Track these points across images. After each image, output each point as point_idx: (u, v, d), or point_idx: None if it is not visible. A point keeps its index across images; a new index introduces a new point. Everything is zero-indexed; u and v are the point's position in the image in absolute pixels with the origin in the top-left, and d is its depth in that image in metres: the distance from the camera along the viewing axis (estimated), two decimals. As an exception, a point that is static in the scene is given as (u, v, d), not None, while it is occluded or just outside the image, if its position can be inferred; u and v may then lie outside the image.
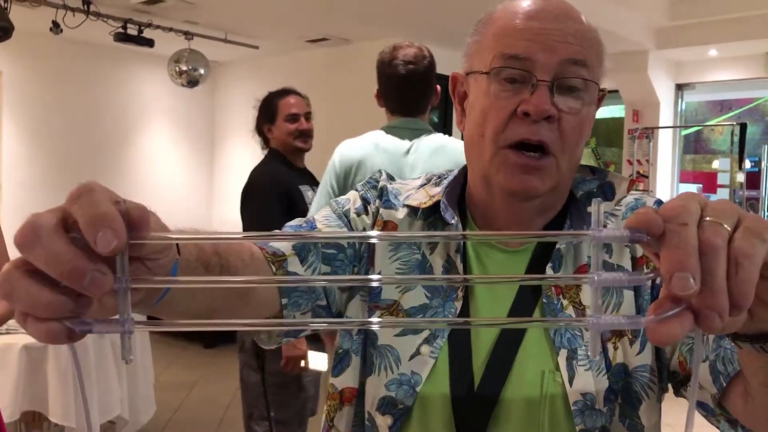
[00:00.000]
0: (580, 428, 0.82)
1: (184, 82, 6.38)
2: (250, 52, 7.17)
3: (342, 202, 0.99)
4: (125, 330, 0.44)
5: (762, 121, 12.81)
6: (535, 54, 0.82)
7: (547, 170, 0.85)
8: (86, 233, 0.42)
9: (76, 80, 7.00)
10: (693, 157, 10.62)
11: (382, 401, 0.87)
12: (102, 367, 3.28)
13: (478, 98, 0.89)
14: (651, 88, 7.53)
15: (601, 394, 0.84)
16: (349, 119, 7.00)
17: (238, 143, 8.19)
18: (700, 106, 11.72)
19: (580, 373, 0.84)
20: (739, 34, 6.84)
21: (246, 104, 8.03)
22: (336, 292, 0.92)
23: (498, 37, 0.86)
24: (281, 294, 0.85)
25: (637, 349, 0.86)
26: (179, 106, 7.93)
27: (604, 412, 0.84)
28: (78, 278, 0.42)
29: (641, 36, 6.92)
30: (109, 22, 5.67)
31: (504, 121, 0.84)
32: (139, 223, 0.44)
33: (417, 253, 0.92)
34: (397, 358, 0.88)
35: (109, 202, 0.43)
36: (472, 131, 0.90)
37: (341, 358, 0.93)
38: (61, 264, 0.42)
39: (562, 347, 0.85)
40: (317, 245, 0.89)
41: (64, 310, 0.43)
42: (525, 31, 0.84)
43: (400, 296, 0.90)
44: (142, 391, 3.67)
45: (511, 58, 0.84)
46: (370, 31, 6.36)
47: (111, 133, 7.33)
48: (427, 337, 0.87)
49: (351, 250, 0.93)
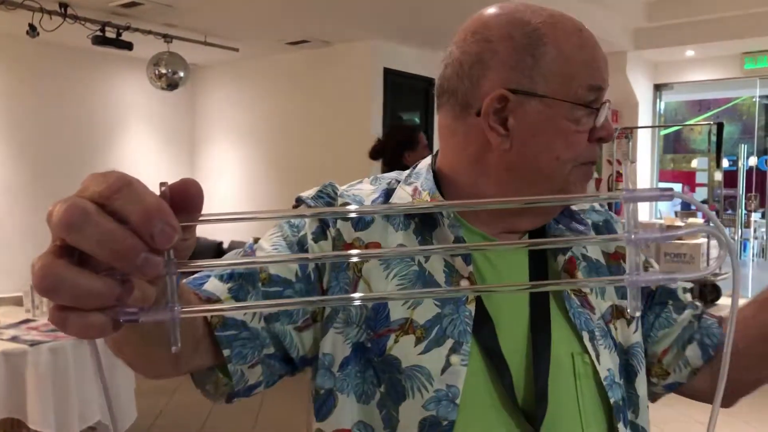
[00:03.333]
0: (613, 401, 0.89)
1: (163, 85, 6.34)
2: (230, 55, 7.14)
3: (297, 224, 0.89)
4: (174, 316, 0.42)
5: (739, 120, 12.98)
6: (606, 83, 0.89)
7: None
8: (140, 228, 0.40)
9: (54, 84, 6.94)
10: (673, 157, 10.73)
11: (423, 423, 0.83)
12: (81, 373, 3.25)
13: (552, 121, 0.86)
14: (630, 88, 7.60)
15: (617, 369, 0.91)
16: (329, 121, 7.00)
17: (219, 146, 8.16)
18: (679, 106, 11.85)
19: (601, 351, 0.90)
20: (716, 35, 6.93)
21: (226, 107, 8.02)
22: (292, 335, 0.84)
23: (579, 65, 0.87)
24: (222, 344, 0.78)
25: (633, 329, 0.95)
26: (159, 109, 7.88)
27: (621, 385, 0.92)
28: (134, 257, 0.40)
29: (619, 37, 6.99)
30: (86, 25, 5.63)
31: (585, 146, 0.88)
32: (185, 204, 0.43)
33: (413, 264, 0.88)
34: (428, 376, 0.83)
35: (154, 193, 0.42)
36: (541, 154, 0.87)
37: (325, 399, 0.86)
38: (116, 242, 0.39)
39: (583, 330, 0.90)
40: (256, 285, 0.82)
41: (111, 298, 0.41)
42: (600, 62, 0.89)
43: (412, 312, 0.85)
44: (123, 396, 3.64)
45: (597, 90, 0.88)
46: (351, 33, 6.37)
47: (89, 137, 7.27)
48: (453, 347, 0.84)
49: (302, 284, 0.85)
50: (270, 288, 0.83)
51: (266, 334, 0.82)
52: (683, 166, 10.01)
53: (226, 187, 8.04)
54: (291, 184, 7.20)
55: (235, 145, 7.98)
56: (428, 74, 6.82)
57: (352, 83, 6.77)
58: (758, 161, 10.59)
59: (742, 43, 7.17)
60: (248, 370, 0.81)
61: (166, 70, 6.26)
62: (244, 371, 0.81)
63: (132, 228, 0.40)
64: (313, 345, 0.86)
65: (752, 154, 10.30)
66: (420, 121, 7.37)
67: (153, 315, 0.42)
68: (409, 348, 0.84)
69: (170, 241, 0.41)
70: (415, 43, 6.66)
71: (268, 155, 7.62)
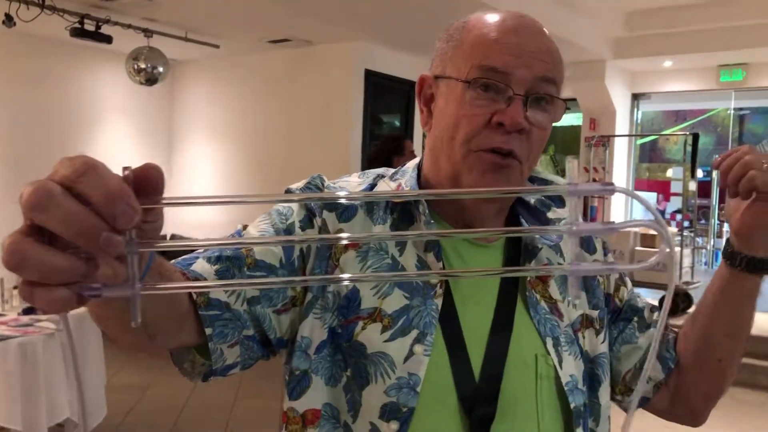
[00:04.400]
0: (573, 406, 0.91)
1: (142, 80, 6.28)
2: (211, 52, 7.10)
3: (284, 211, 0.94)
4: (135, 292, 0.44)
5: (714, 132, 13.18)
6: (513, 69, 0.87)
7: (512, 172, 0.89)
8: (103, 210, 0.42)
9: (30, 75, 6.84)
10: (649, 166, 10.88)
11: (384, 408, 0.86)
12: (50, 370, 3.20)
13: (449, 103, 0.91)
14: (608, 96, 7.68)
15: (581, 375, 0.94)
16: (309, 121, 6.99)
17: (196, 143, 8.10)
18: (656, 115, 12.00)
19: (565, 357, 0.92)
20: (693, 47, 7.03)
21: (206, 104, 7.97)
22: (271, 317, 0.88)
23: (477, 47, 0.89)
24: (205, 323, 0.82)
25: (601, 339, 0.98)
26: (137, 104, 7.81)
27: (584, 391, 0.94)
28: (95, 236, 0.42)
29: (599, 45, 7.06)
30: (65, 16, 5.55)
31: (478, 129, 0.88)
32: (146, 187, 0.45)
33: (386, 257, 0.92)
34: (391, 363, 0.87)
35: (117, 176, 0.44)
36: (441, 134, 0.92)
37: (299, 380, 0.90)
38: (79, 222, 0.42)
39: (547, 336, 0.92)
40: (242, 269, 0.86)
41: (76, 274, 0.43)
42: (505, 45, 0.88)
43: (381, 302, 0.89)
44: (93, 393, 3.60)
45: (490, 70, 0.87)
46: (333, 33, 6.36)
47: (66, 130, 7.18)
48: (417, 336, 0.88)
49: (285, 270, 0.89)
50: (255, 272, 0.87)
51: (247, 316, 0.86)
52: (659, 175, 10.14)
53: (203, 184, 7.98)
54: (269, 183, 7.18)
55: (213, 143, 7.93)
56: (409, 77, 6.83)
57: (333, 84, 6.76)
58: (731, 172, 10.74)
59: (718, 56, 7.29)
60: (227, 349, 0.85)
61: (146, 65, 6.20)
62: (223, 350, 0.84)
63: (95, 209, 0.42)
64: (290, 328, 0.91)
65: (726, 165, 10.44)
66: (400, 123, 7.38)
67: (115, 291, 0.45)
68: (376, 335, 0.88)
69: (131, 221, 0.43)
70: (397, 46, 6.67)
71: (246, 153, 7.58)
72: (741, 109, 12.13)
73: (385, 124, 7.23)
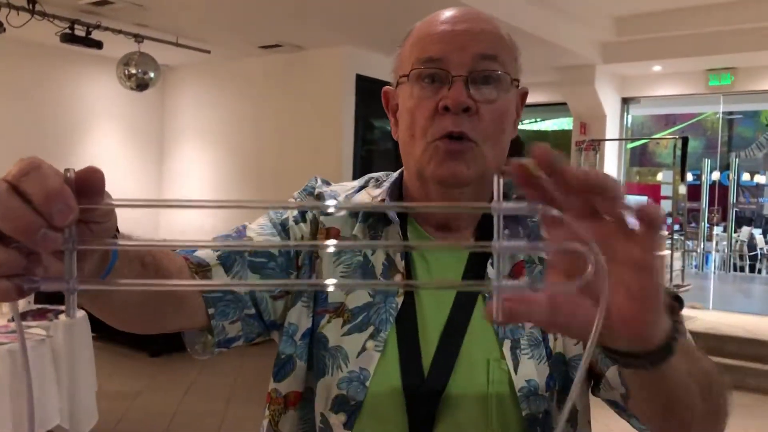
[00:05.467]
0: (525, 413, 0.88)
1: (133, 85, 6.27)
2: (202, 57, 7.09)
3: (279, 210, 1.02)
4: (70, 287, 0.46)
5: (703, 135, 13.26)
6: (448, 54, 0.90)
7: (470, 155, 0.90)
8: (41, 207, 0.44)
9: (20, 81, 6.82)
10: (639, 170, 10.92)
11: (335, 400, 0.90)
12: (41, 376, 3.18)
13: (404, 103, 0.95)
14: (598, 101, 7.72)
15: (543, 380, 0.90)
16: (301, 126, 6.99)
17: (187, 148, 8.09)
18: (646, 120, 12.07)
19: (523, 361, 0.90)
20: (682, 51, 7.08)
21: (197, 109, 7.96)
22: (268, 301, 0.94)
23: (415, 45, 0.94)
24: (207, 304, 0.88)
25: (574, 341, 0.92)
26: (128, 110, 7.79)
27: (546, 397, 0.89)
28: (32, 232, 0.44)
29: (588, 50, 7.10)
30: (55, 22, 5.54)
31: (429, 118, 0.91)
32: (87, 189, 0.47)
33: (359, 254, 0.97)
34: (345, 357, 0.91)
35: (58, 177, 0.46)
36: (404, 134, 0.96)
37: (284, 363, 0.95)
38: (17, 218, 0.44)
39: (505, 338, 0.90)
40: (243, 254, 0.92)
41: (16, 267, 0.46)
42: (437, 35, 0.92)
43: (346, 297, 0.94)
44: (84, 400, 3.58)
45: (427, 61, 0.91)
46: (324, 38, 6.37)
47: (56, 137, 7.16)
48: (372, 333, 0.91)
49: (283, 258, 0.95)
50: (255, 258, 0.93)
51: (248, 297, 0.92)
52: (649, 179, 10.19)
53: (194, 189, 7.96)
54: (260, 188, 7.17)
55: (205, 148, 7.91)
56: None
57: (324, 89, 6.77)
58: (721, 176, 10.85)
59: (706, 60, 7.34)
60: (229, 325, 0.91)
61: (136, 71, 6.19)
62: (224, 326, 0.90)
63: (35, 207, 0.45)
64: (283, 313, 0.96)
65: (715, 168, 10.54)
66: (391, 128, 7.37)
67: (52, 285, 0.47)
68: (336, 329, 0.93)
69: (66, 219, 0.45)
70: (388, 51, 6.66)
71: (237, 158, 7.57)
72: (730, 113, 12.22)
73: (376, 129, 7.23)
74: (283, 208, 0.98)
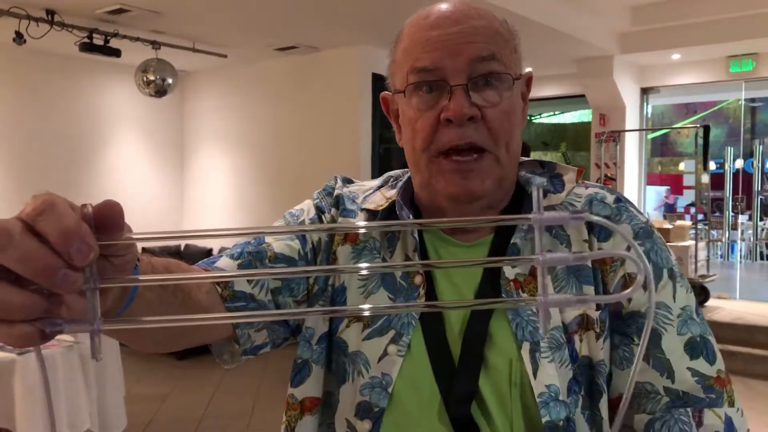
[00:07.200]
0: (545, 420, 0.83)
1: (152, 92, 6.33)
2: (219, 61, 7.14)
3: (296, 213, 1.01)
4: (95, 329, 0.45)
5: (725, 123, 13.09)
6: (442, 62, 0.85)
7: (482, 166, 0.87)
8: (59, 247, 0.43)
9: (41, 92, 6.91)
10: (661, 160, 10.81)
11: (359, 407, 0.88)
12: (70, 381, 3.23)
13: (405, 114, 0.92)
14: (616, 92, 7.65)
15: (565, 385, 0.85)
16: (317, 127, 7.01)
17: (208, 152, 8.14)
18: (666, 109, 11.94)
19: (543, 365, 0.85)
20: (701, 39, 6.99)
21: (215, 113, 8.01)
22: (291, 305, 0.93)
23: (407, 54, 0.89)
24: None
25: (602, 344, 0.86)
26: (147, 116, 7.86)
27: (568, 403, 0.84)
28: (51, 275, 0.43)
29: (606, 41, 7.04)
30: (74, 32, 5.61)
31: (431, 131, 0.87)
32: (106, 223, 0.45)
33: (378, 257, 0.95)
34: (366, 362, 0.89)
35: (74, 214, 0.44)
36: (407, 145, 0.93)
37: (300, 368, 0.94)
38: (35, 260, 0.43)
39: (524, 340, 0.86)
40: (264, 261, 0.91)
41: (37, 311, 0.44)
42: (428, 43, 0.87)
43: (365, 301, 0.92)
44: (113, 404, 3.62)
45: (422, 71, 0.87)
46: (339, 38, 6.38)
47: (78, 145, 7.25)
48: (393, 337, 0.89)
49: (303, 262, 0.94)
50: (276, 264, 0.92)
51: (272, 305, 0.91)
52: (671, 168, 10.08)
53: (215, 193, 8.02)
54: (279, 190, 7.20)
55: (224, 152, 7.97)
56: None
57: (341, 89, 6.78)
58: (744, 164, 10.69)
59: (727, 47, 7.23)
60: (254, 333, 0.91)
61: (155, 77, 6.25)
62: (250, 334, 0.90)
63: (52, 247, 0.43)
64: (300, 319, 0.96)
65: (738, 156, 10.39)
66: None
67: (76, 327, 0.45)
68: (356, 334, 0.91)
69: (86, 258, 0.43)
70: (404, 49, 6.68)
71: (256, 161, 7.61)
72: (753, 100, 12.03)
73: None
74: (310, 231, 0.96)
